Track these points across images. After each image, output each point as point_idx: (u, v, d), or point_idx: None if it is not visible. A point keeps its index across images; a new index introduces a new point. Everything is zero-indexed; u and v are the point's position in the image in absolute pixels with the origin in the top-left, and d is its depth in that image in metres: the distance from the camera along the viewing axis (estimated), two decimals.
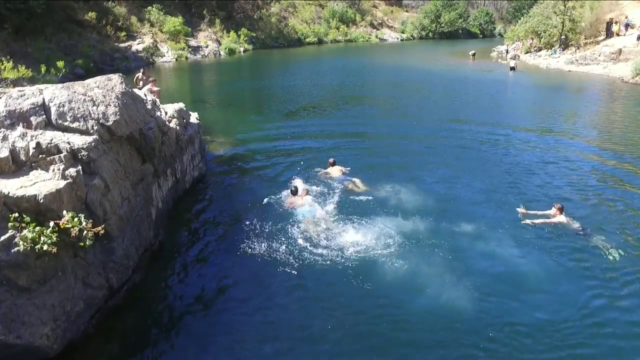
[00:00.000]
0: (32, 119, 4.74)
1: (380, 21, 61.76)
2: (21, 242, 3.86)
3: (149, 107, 7.21)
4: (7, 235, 3.87)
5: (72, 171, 4.50)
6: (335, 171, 8.95)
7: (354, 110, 16.46)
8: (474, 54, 32.74)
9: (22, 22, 24.48)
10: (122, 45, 32.31)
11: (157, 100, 10.77)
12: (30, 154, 4.45)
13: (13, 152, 4.41)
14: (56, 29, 27.70)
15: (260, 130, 13.35)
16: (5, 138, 4.45)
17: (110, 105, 5.49)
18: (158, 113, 7.72)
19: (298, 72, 27.70)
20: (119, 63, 29.80)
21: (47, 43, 26.15)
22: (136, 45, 33.35)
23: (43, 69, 19.00)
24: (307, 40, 50.53)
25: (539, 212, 7.28)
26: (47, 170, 4.47)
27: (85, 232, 4.15)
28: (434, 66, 29.48)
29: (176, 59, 34.39)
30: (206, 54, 37.24)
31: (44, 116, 4.85)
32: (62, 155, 4.54)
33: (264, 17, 47.89)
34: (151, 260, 6.08)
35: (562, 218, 7.02)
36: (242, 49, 40.88)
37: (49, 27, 26.95)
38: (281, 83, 23.50)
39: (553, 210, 7.14)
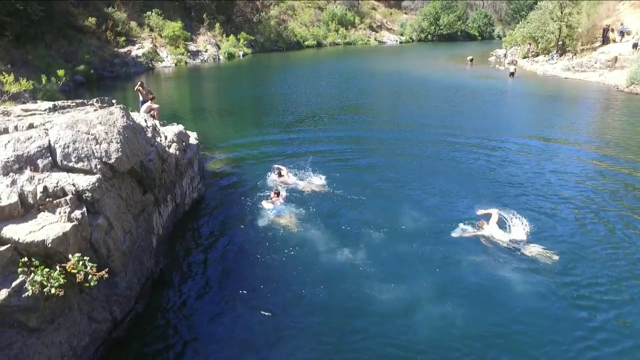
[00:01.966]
0: (38, 161, 4.97)
1: (379, 23, 61.97)
2: (30, 287, 4.10)
3: (149, 134, 7.44)
4: (18, 281, 4.10)
5: (77, 213, 4.73)
6: (288, 178, 9.90)
7: (352, 122, 16.68)
8: (471, 60, 32.96)
9: (23, 30, 24.65)
10: (122, 50, 32.49)
11: (157, 121, 11.05)
12: (38, 197, 4.69)
13: (21, 195, 4.64)
14: (56, 35, 27.88)
15: (258, 143, 13.59)
16: (14, 182, 4.68)
17: (112, 142, 5.72)
18: (158, 139, 7.95)
19: (296, 80, 27.92)
20: (119, 69, 30.02)
21: (47, 50, 26.35)
22: (136, 51, 33.51)
23: (44, 79, 19.14)
24: (306, 43, 50.75)
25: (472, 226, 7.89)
26: (53, 212, 4.70)
27: (90, 275, 4.38)
28: (432, 72, 29.71)
29: (176, 64, 34.57)
30: (205, 59, 37.42)
31: (50, 158, 5.09)
32: (67, 198, 4.77)
33: (263, 21, 48.07)
34: (153, 288, 6.31)
35: (488, 231, 7.48)
36: (241, 53, 41.07)
37: (49, 34, 27.14)
38: (279, 91, 23.73)
39: (480, 222, 7.69)
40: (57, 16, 28.29)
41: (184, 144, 8.78)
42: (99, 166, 5.36)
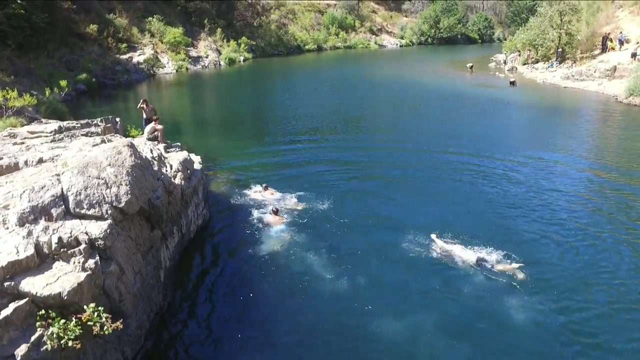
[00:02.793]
0: (52, 210, 5.15)
1: (379, 27, 62.04)
2: (49, 341, 4.28)
3: (155, 167, 7.61)
4: (36, 335, 4.28)
5: (91, 263, 4.91)
6: (268, 194, 10.41)
7: (352, 136, 16.85)
8: (471, 67, 33.10)
9: (26, 39, 24.78)
10: (123, 57, 32.62)
11: (162, 144, 11.22)
12: (53, 248, 4.86)
13: (37, 246, 4.82)
14: (58, 43, 28.02)
15: (259, 159, 13.76)
16: (29, 234, 4.86)
17: (122, 185, 5.90)
18: (164, 169, 8.13)
19: (297, 89, 28.08)
20: (120, 76, 30.17)
21: (49, 59, 26.48)
22: (137, 57, 33.65)
23: (47, 92, 19.39)
24: (307, 47, 50.86)
25: (448, 241, 8.21)
26: (68, 262, 4.88)
27: (105, 326, 4.57)
28: (432, 80, 29.83)
29: (177, 70, 34.72)
30: (206, 65, 37.56)
31: (63, 206, 5.27)
32: (81, 247, 4.95)
33: (263, 25, 48.18)
34: (161, 322, 6.50)
35: (459, 249, 7.90)
36: (242, 58, 41.19)
37: (52, 42, 27.28)
38: (280, 101, 23.91)
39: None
40: (60, 24, 28.44)
41: (188, 171, 8.95)
42: (109, 211, 5.53)
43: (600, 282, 7.39)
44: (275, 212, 9.40)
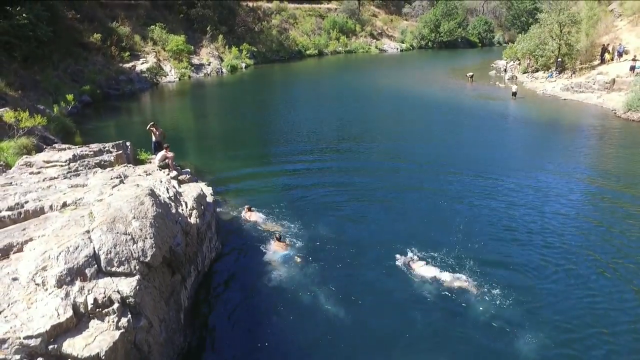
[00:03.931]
0: (86, 270, 5.51)
1: (379, 31, 62.30)
2: None
3: (174, 210, 7.97)
4: None
5: (124, 321, 5.28)
6: (254, 216, 11.00)
7: (351, 155, 17.05)
8: (472, 76, 33.45)
9: (31, 50, 25.05)
10: (127, 65, 32.90)
11: (173, 171, 11.57)
12: (89, 308, 5.24)
13: (74, 307, 5.18)
14: (63, 54, 28.29)
15: (263, 181, 14.14)
16: (67, 295, 5.22)
17: (147, 239, 6.26)
18: (180, 209, 8.50)
19: (297, 102, 28.28)
20: (124, 86, 30.44)
21: (54, 70, 26.76)
22: (140, 66, 33.91)
23: (55, 109, 19.75)
24: (308, 52, 51.11)
25: (414, 258, 9.03)
26: (102, 320, 5.25)
27: None
28: (433, 92, 30.10)
29: (179, 79, 35.00)
30: (208, 72, 37.84)
31: (96, 265, 5.63)
32: (114, 307, 5.32)
33: (264, 30, 48.43)
34: None
35: (423, 268, 8.65)
36: (243, 65, 41.46)
37: (56, 53, 27.55)
38: (282, 115, 24.31)
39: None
40: (64, 34, 28.69)
41: (202, 207, 9.31)
42: (137, 267, 5.90)
43: (600, 311, 7.83)
44: (279, 238, 9.80)
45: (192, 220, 8.54)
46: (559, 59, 32.03)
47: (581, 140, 19.41)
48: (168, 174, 11.65)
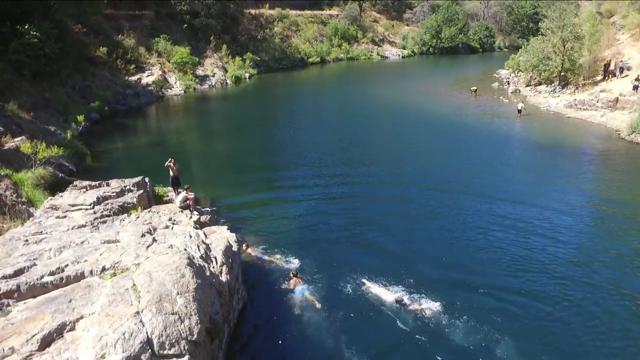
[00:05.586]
0: (142, 357, 5.79)
1: (381, 37, 62.48)
2: None
3: (207, 273, 8.24)
4: None
5: None
6: (254, 252, 11.66)
7: (354, 179, 17.41)
8: (475, 90, 33.76)
9: (40, 67, 25.12)
10: (132, 78, 33.03)
11: (194, 212, 11.83)
12: None
13: None
14: (70, 70, 28.36)
15: (268, 209, 14.54)
16: None
17: (192, 316, 6.54)
18: (211, 267, 8.76)
19: (301, 119, 28.47)
20: (131, 101, 30.57)
21: (62, 87, 26.84)
22: (146, 78, 34.05)
23: (69, 134, 19.95)
24: (310, 60, 51.25)
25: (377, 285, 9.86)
26: None
27: None
28: (437, 107, 30.14)
29: (184, 91, 35.14)
30: (213, 84, 37.97)
31: (150, 350, 5.90)
32: None
33: (267, 38, 48.52)
34: None
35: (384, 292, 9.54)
36: (247, 75, 41.59)
37: (64, 69, 27.62)
38: (286, 131, 24.68)
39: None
40: (71, 49, 28.74)
41: (230, 260, 9.58)
42: (186, 347, 6.18)
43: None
44: (295, 274, 10.36)
45: (223, 278, 8.81)
46: (562, 74, 32.38)
47: (585, 166, 19.71)
48: (190, 217, 11.92)
